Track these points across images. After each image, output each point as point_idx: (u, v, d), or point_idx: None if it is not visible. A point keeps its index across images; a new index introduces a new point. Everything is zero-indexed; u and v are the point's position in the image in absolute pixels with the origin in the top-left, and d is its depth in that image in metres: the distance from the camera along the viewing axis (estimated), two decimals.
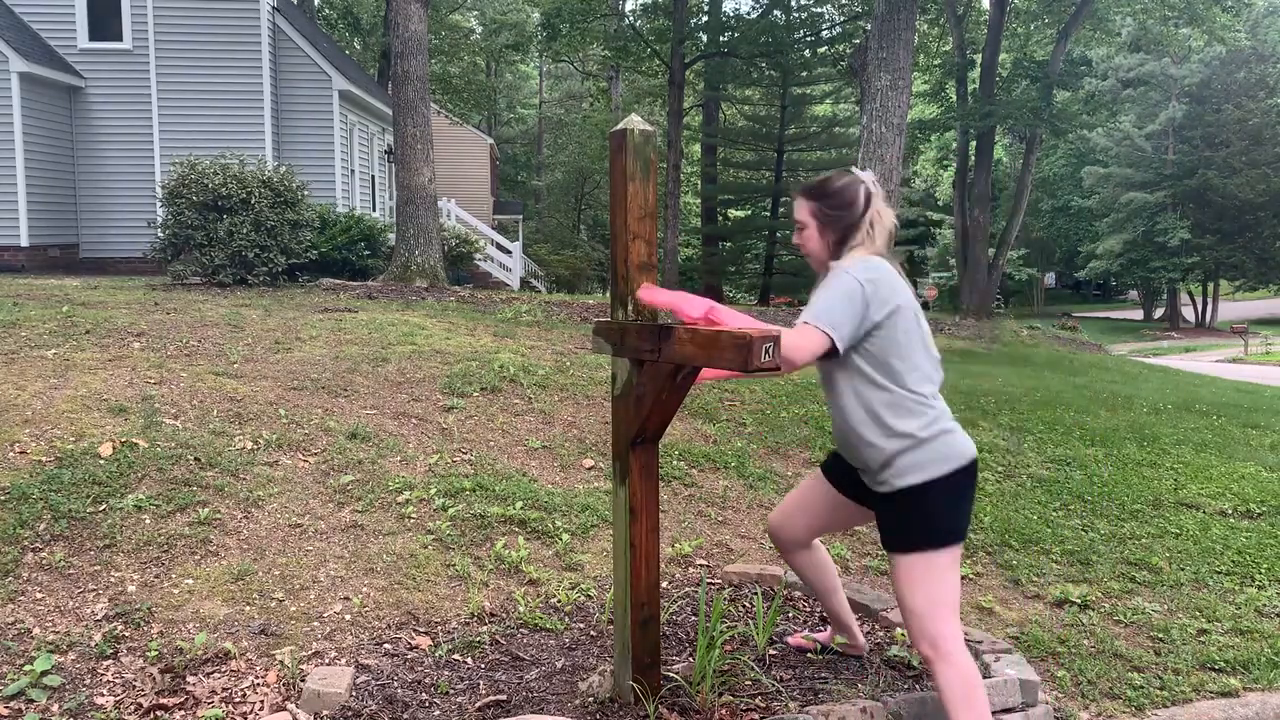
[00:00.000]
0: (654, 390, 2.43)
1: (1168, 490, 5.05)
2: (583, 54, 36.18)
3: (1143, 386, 9.01)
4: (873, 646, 3.02)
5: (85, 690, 2.62)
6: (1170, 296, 50.22)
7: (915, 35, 16.55)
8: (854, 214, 2.53)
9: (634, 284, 2.45)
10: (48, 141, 15.30)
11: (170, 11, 15.82)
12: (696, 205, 37.26)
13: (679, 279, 28.50)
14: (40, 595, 3.01)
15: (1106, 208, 47.40)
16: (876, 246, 2.53)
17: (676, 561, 3.76)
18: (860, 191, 2.55)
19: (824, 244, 2.56)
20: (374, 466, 4.19)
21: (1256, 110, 42.87)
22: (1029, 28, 27.42)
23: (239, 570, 3.23)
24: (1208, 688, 3.03)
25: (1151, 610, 3.58)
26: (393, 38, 12.81)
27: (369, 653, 2.88)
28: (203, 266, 10.56)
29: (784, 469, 4.93)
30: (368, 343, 6.48)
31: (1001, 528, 4.31)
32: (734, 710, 2.56)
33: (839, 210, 2.54)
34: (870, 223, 2.53)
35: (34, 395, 4.38)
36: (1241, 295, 57.53)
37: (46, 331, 5.96)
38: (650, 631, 2.56)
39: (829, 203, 2.55)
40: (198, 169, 10.63)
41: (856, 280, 2.41)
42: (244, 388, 4.93)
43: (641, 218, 2.45)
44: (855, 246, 2.52)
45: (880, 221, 2.55)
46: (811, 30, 28.47)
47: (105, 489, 3.58)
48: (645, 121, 2.46)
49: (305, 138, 16.61)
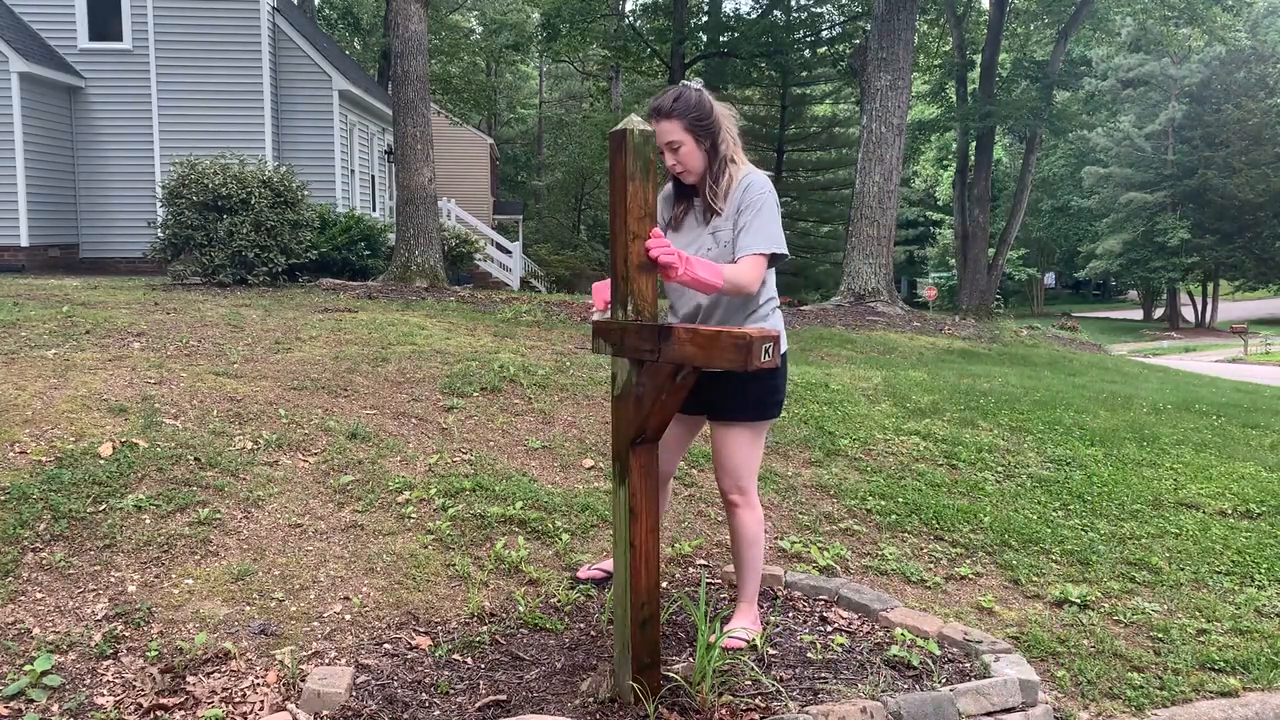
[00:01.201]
0: (654, 390, 2.43)
1: (1168, 490, 5.05)
2: (583, 54, 36.18)
3: (1142, 386, 9.01)
4: (873, 646, 3.02)
5: (85, 690, 2.62)
6: (1170, 296, 50.24)
7: (915, 35, 16.55)
8: (715, 118, 2.84)
9: (634, 284, 2.45)
10: (48, 141, 15.31)
11: (170, 11, 15.83)
12: None
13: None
14: (40, 595, 3.01)
15: (1106, 208, 47.41)
16: (739, 144, 2.90)
17: (676, 561, 3.76)
18: (705, 97, 2.85)
19: (701, 155, 2.85)
20: (374, 466, 4.20)
21: (1256, 110, 42.88)
22: (1029, 28, 27.43)
23: (239, 570, 3.23)
24: (1207, 688, 3.03)
25: (1151, 610, 3.58)
26: (393, 38, 12.81)
27: (369, 653, 2.88)
28: (203, 266, 10.57)
29: (784, 469, 4.93)
30: (368, 343, 6.49)
31: (1001, 528, 4.32)
32: (734, 710, 2.56)
33: (705, 119, 2.82)
34: (724, 121, 2.86)
35: (34, 395, 4.38)
36: (1241, 295, 57.55)
37: (46, 331, 5.96)
38: (650, 631, 2.56)
39: (695, 115, 2.82)
40: (198, 169, 10.64)
41: (770, 188, 2.85)
42: (244, 388, 4.93)
43: (641, 218, 2.45)
44: (728, 149, 2.86)
45: (728, 117, 2.89)
46: (811, 30, 28.47)
47: (105, 489, 3.59)
48: (645, 121, 2.46)
49: (305, 138, 16.61)
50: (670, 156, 2.86)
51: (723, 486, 3.06)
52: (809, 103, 34.64)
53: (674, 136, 2.81)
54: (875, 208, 13.89)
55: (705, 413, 3.06)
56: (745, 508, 3.03)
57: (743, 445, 2.98)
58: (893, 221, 14.22)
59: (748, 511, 3.04)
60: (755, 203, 2.81)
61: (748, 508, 3.04)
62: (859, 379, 7.23)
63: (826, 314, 13.11)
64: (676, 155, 2.85)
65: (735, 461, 2.99)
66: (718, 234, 2.90)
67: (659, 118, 2.81)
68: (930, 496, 4.69)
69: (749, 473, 3.02)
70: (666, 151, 2.84)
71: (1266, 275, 46.89)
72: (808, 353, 9.08)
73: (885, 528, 4.29)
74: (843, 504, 4.52)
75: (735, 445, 2.98)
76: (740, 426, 2.97)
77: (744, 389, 2.92)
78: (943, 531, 4.28)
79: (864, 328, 11.76)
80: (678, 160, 2.86)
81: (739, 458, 2.99)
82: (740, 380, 2.89)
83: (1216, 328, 46.71)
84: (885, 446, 5.46)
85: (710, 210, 2.91)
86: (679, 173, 2.89)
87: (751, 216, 2.81)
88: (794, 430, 5.53)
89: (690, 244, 2.92)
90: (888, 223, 14.05)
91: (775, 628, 3.13)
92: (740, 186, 2.86)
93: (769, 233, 2.81)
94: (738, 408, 2.96)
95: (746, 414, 2.96)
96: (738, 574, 3.11)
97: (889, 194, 13.97)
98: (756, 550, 3.06)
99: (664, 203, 3.02)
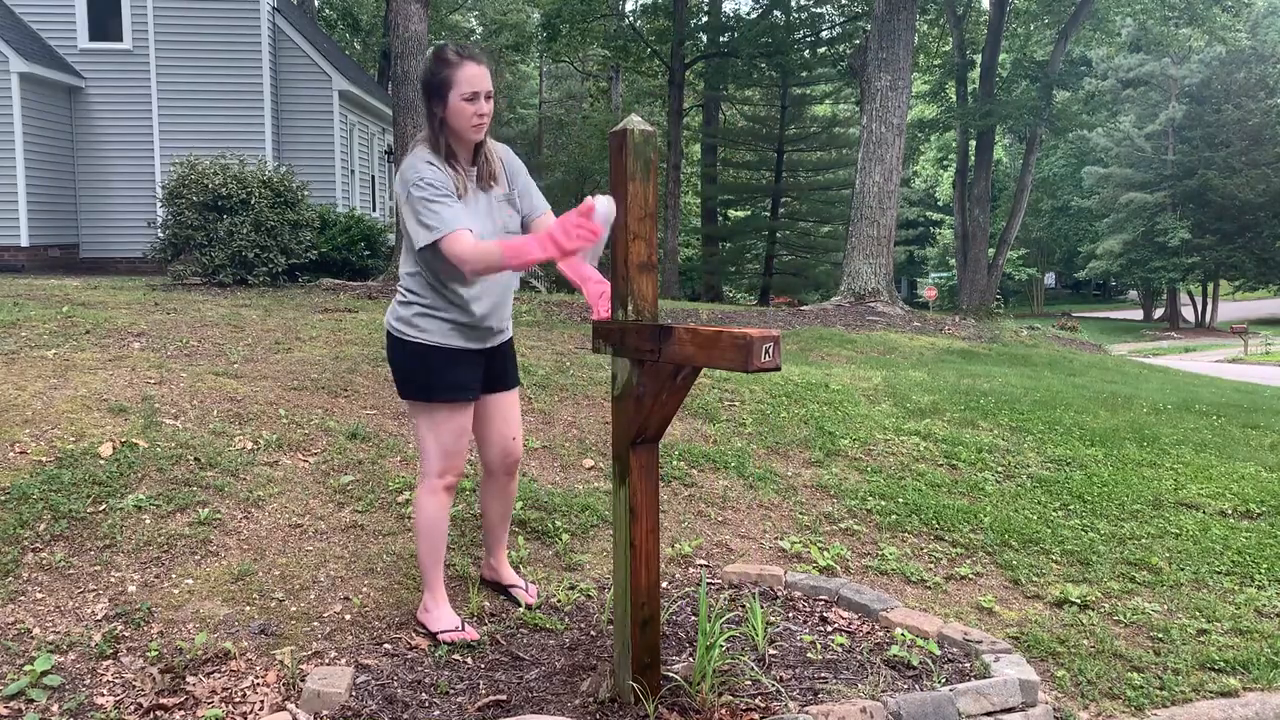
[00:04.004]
0: (654, 390, 2.43)
1: (1168, 490, 5.05)
2: (583, 54, 36.18)
3: (1142, 386, 9.01)
4: (873, 646, 3.02)
5: (85, 690, 2.62)
6: (1170, 297, 50.22)
7: (915, 35, 16.56)
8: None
9: (634, 284, 2.45)
10: (48, 141, 15.30)
11: (170, 11, 15.82)
12: (696, 205, 37.23)
13: (679, 279, 28.51)
14: (40, 595, 3.02)
15: (1106, 208, 47.37)
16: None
17: (676, 561, 3.76)
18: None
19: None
20: (374, 466, 4.20)
21: (1256, 110, 42.86)
22: (1029, 28, 27.44)
23: (239, 570, 3.23)
24: (1207, 688, 3.03)
25: (1151, 610, 3.58)
26: (393, 38, 12.80)
27: (369, 653, 2.88)
28: (203, 267, 10.57)
29: (784, 469, 4.93)
30: (368, 343, 6.48)
31: (1001, 528, 4.32)
32: (734, 710, 2.56)
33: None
34: None
35: (34, 395, 4.38)
36: (1241, 295, 57.52)
37: (46, 331, 5.96)
38: (650, 631, 2.56)
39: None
40: (198, 169, 10.64)
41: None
42: (244, 388, 4.93)
43: (641, 218, 2.45)
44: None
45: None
46: (811, 30, 28.48)
47: (105, 489, 3.59)
48: (645, 121, 2.46)
49: (305, 138, 16.60)
50: (487, 105, 2.73)
51: (511, 453, 3.19)
52: (809, 103, 34.62)
53: (491, 85, 2.77)
54: (875, 208, 13.89)
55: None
56: (517, 457, 3.24)
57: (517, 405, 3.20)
58: (893, 221, 14.21)
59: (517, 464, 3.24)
60: (522, 165, 2.98)
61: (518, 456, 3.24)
62: (859, 379, 7.23)
63: (826, 314, 13.11)
64: (490, 103, 2.75)
65: (518, 423, 3.25)
66: (511, 200, 2.93)
67: (480, 60, 2.72)
68: (930, 496, 4.68)
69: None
70: (483, 100, 2.72)
71: (1266, 275, 46.87)
72: (808, 353, 9.08)
73: (885, 528, 4.29)
74: (843, 504, 4.52)
75: (517, 406, 3.20)
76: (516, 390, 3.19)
77: (512, 350, 3.16)
78: (943, 531, 4.28)
79: (864, 328, 11.76)
80: (489, 111, 2.75)
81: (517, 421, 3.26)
82: (509, 345, 3.12)
83: (1216, 328, 46.69)
84: (885, 446, 5.46)
85: (489, 178, 2.87)
86: (479, 125, 2.76)
87: (527, 178, 2.96)
88: (794, 430, 5.53)
89: (489, 216, 2.86)
90: (888, 223, 14.04)
91: (775, 628, 3.13)
92: (496, 152, 2.92)
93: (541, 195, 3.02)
94: (516, 366, 3.19)
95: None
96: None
97: (889, 194, 13.97)
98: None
99: (444, 175, 2.76)
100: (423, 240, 2.70)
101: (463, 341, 2.92)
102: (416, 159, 2.77)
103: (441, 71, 2.72)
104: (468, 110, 2.72)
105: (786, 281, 33.04)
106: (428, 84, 2.75)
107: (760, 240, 33.65)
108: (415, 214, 2.71)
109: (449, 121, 2.76)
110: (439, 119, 2.77)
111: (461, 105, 2.72)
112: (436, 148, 2.78)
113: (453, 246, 2.65)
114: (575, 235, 2.33)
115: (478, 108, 2.72)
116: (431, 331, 2.89)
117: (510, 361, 3.16)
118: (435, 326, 2.89)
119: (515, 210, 2.96)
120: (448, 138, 2.79)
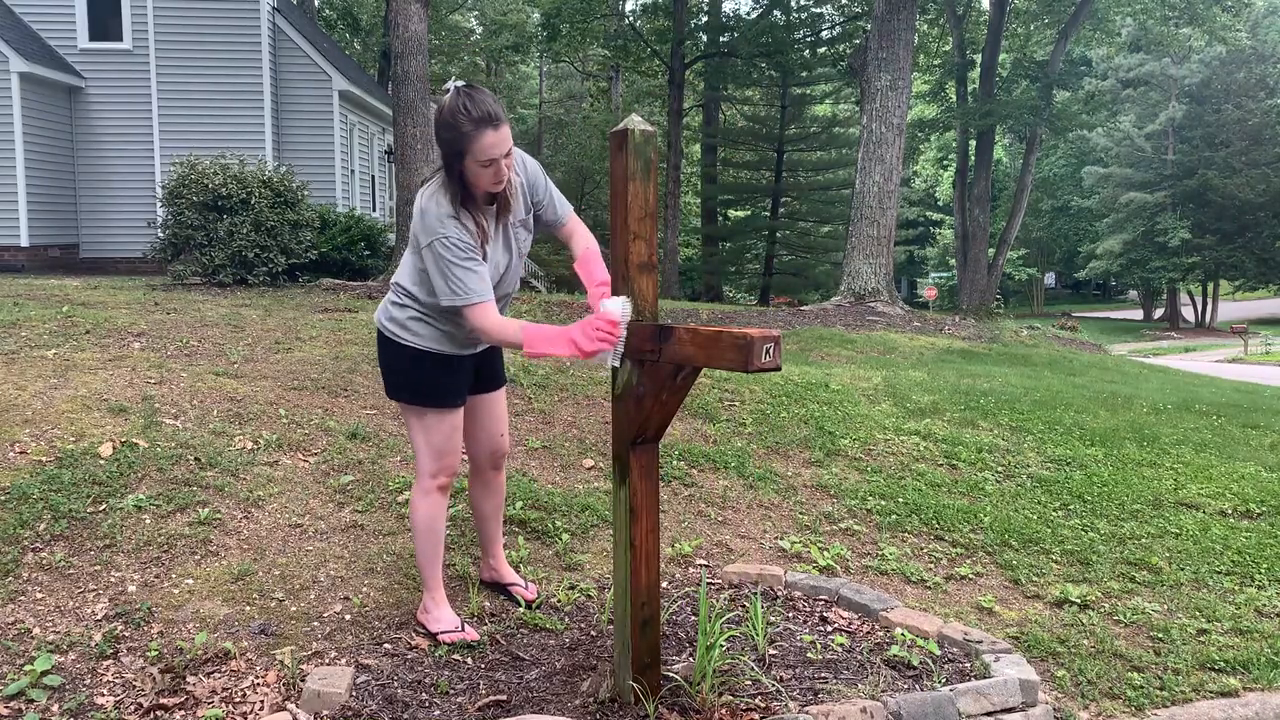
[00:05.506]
0: (654, 390, 2.43)
1: (1168, 490, 5.05)
2: (583, 54, 36.19)
3: (1142, 386, 9.01)
4: (873, 646, 3.02)
5: (85, 690, 2.62)
6: (1170, 296, 50.24)
7: (915, 35, 16.56)
8: None
9: (634, 284, 2.45)
10: (48, 141, 15.31)
11: (170, 11, 15.82)
12: (696, 205, 37.23)
13: (679, 279, 28.51)
14: (40, 595, 3.01)
15: (1106, 208, 47.38)
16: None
17: (676, 561, 3.76)
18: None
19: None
20: (374, 466, 4.20)
21: (1256, 110, 42.86)
22: (1029, 28, 27.44)
23: (239, 570, 3.23)
24: (1207, 688, 3.03)
25: (1151, 610, 3.58)
26: (393, 38, 12.80)
27: (369, 653, 2.88)
28: (203, 266, 10.57)
29: (784, 469, 4.93)
30: (368, 343, 6.48)
31: (1001, 528, 4.32)
32: (734, 710, 2.56)
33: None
34: None
35: (34, 395, 4.38)
36: (1241, 295, 57.53)
37: (46, 331, 5.96)
38: (650, 632, 2.56)
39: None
40: (198, 169, 10.64)
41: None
42: (244, 388, 4.93)
43: (641, 218, 2.44)
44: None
45: None
46: (811, 30, 28.49)
47: (105, 489, 3.59)
48: (645, 121, 2.46)
49: (305, 138, 16.60)
50: (506, 163, 2.67)
51: (499, 447, 3.28)
52: (809, 103, 34.63)
53: (509, 144, 2.67)
54: (875, 208, 13.89)
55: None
56: (506, 455, 3.36)
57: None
58: (893, 221, 14.22)
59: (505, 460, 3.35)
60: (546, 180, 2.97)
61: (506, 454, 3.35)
62: (859, 379, 7.23)
63: (826, 314, 13.11)
64: (509, 161, 2.70)
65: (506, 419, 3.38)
66: (526, 225, 2.92)
67: (498, 124, 2.61)
68: (930, 496, 4.69)
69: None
70: (503, 165, 2.65)
71: (1266, 275, 46.87)
72: (808, 353, 9.08)
73: (885, 528, 4.29)
74: (843, 504, 4.52)
75: (504, 403, 3.31)
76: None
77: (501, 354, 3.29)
78: (943, 531, 4.28)
79: (864, 328, 11.76)
80: (508, 168, 2.71)
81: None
82: (495, 349, 3.17)
83: (1216, 328, 46.70)
84: (885, 446, 5.46)
85: (506, 209, 2.84)
86: (498, 183, 2.70)
87: (547, 184, 2.94)
88: (794, 430, 5.53)
89: (506, 246, 2.86)
90: (888, 223, 14.04)
91: (775, 628, 3.13)
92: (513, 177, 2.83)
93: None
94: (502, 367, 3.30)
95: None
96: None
97: (889, 194, 13.97)
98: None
99: (465, 228, 2.72)
100: (447, 301, 2.70)
101: (455, 348, 2.92)
102: (440, 210, 2.70)
103: (457, 138, 2.63)
104: (485, 174, 2.67)
105: (786, 281, 33.05)
106: (442, 139, 2.68)
107: (760, 240, 33.66)
108: (440, 273, 2.69)
109: (466, 177, 2.71)
110: (456, 172, 2.71)
111: (479, 170, 2.66)
112: (455, 198, 2.73)
113: (476, 319, 2.68)
114: (595, 339, 2.42)
115: (496, 170, 2.66)
116: (425, 337, 2.89)
117: (499, 360, 3.20)
118: (429, 332, 2.89)
119: (529, 231, 2.94)
120: (466, 186, 2.74)
